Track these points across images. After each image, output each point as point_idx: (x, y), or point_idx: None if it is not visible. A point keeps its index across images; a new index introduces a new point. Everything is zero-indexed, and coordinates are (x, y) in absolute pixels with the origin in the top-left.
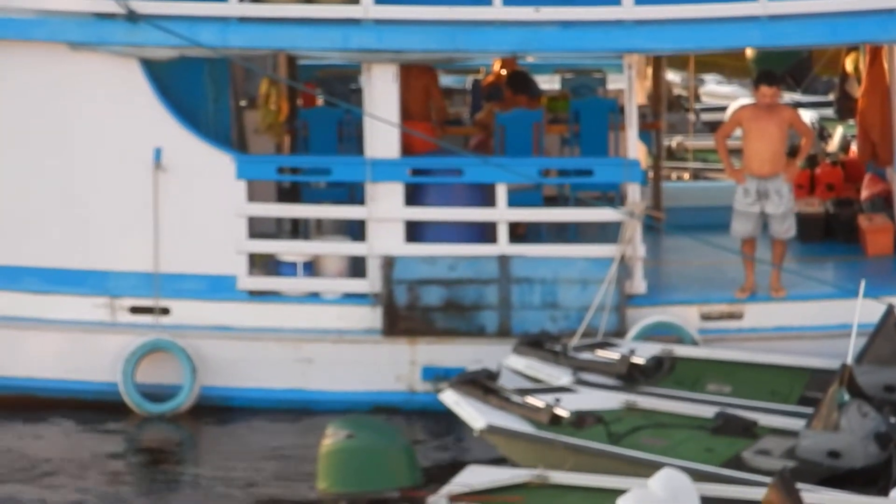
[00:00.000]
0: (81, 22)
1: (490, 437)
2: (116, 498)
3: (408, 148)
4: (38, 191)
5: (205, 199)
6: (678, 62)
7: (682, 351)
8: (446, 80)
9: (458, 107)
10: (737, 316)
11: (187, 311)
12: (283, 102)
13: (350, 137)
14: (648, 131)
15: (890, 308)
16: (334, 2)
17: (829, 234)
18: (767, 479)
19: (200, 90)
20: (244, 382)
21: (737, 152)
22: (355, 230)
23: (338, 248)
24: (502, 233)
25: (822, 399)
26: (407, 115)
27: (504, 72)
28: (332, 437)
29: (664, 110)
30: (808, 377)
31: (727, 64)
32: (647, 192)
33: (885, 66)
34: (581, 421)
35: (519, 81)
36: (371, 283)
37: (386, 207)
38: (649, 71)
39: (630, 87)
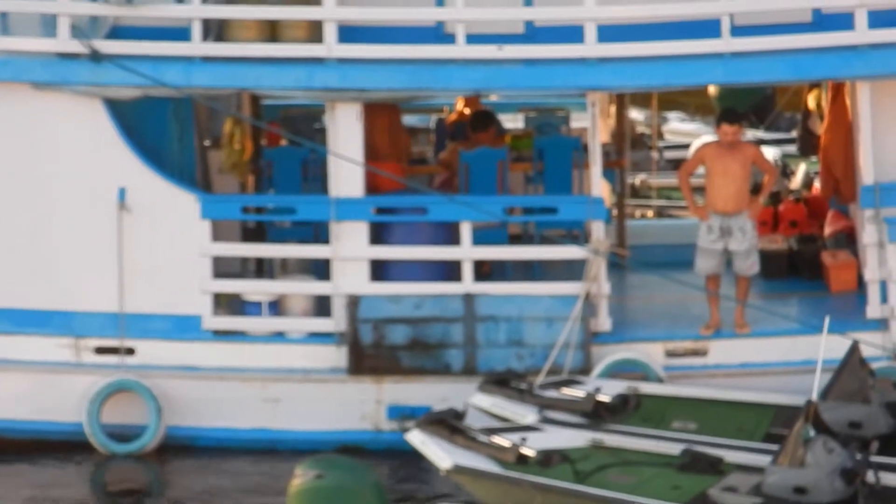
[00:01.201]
0: (45, 62)
1: (457, 476)
2: None
3: (373, 187)
4: (2, 231)
5: (169, 239)
6: (641, 100)
7: (647, 388)
8: (410, 120)
9: (422, 146)
10: (701, 353)
11: (152, 351)
12: (248, 142)
13: (314, 176)
14: (612, 169)
15: (855, 344)
16: (298, 40)
17: (793, 270)
18: None
19: (164, 130)
20: (210, 422)
21: (700, 190)
22: (320, 269)
23: (303, 288)
24: (467, 271)
25: (788, 435)
26: (373, 154)
27: (467, 111)
28: (301, 476)
29: (628, 148)
30: (773, 413)
31: (690, 101)
32: (612, 230)
33: (848, 102)
34: (547, 460)
35: (482, 120)
36: (336, 322)
37: (351, 246)
38: (613, 109)
39: (593, 125)
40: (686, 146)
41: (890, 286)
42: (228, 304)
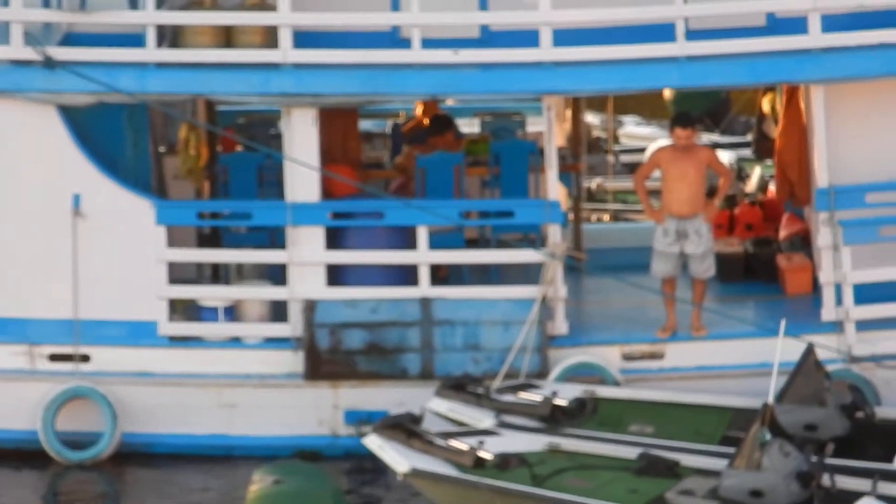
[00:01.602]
0: None
1: (414, 480)
2: None
3: (328, 192)
4: None
5: (124, 245)
6: (597, 104)
7: (604, 392)
8: (366, 125)
9: (378, 150)
10: (658, 356)
11: (107, 357)
12: (203, 148)
13: (270, 182)
14: (568, 173)
15: (810, 347)
16: (253, 46)
17: (749, 273)
18: None
19: (119, 136)
20: (166, 428)
21: (656, 193)
22: (276, 274)
23: (259, 293)
24: (424, 275)
25: (744, 438)
26: (327, 157)
27: (426, 120)
28: (259, 482)
29: (584, 152)
30: (729, 417)
31: (646, 105)
32: (568, 234)
33: (802, 105)
34: (505, 463)
35: (439, 124)
36: (293, 327)
37: (307, 251)
38: (568, 113)
39: (549, 128)
40: (642, 150)
41: (844, 289)
42: (184, 309)
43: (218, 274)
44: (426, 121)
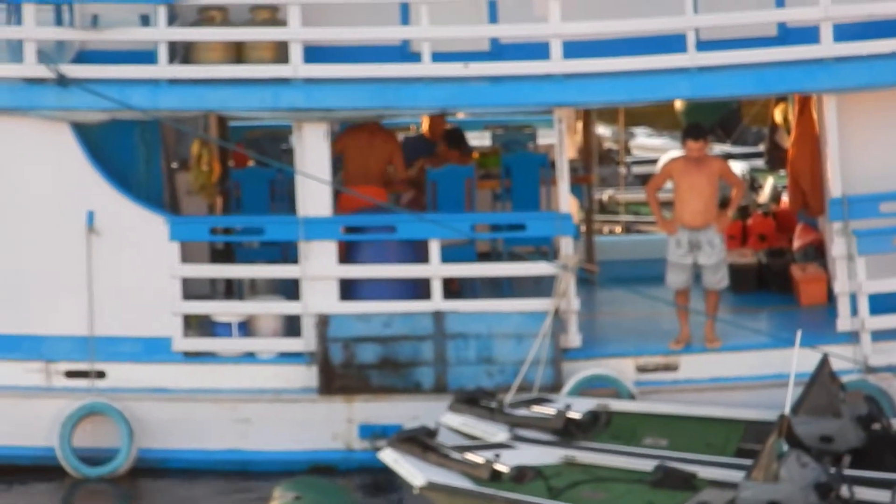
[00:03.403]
0: (11, 87)
1: (430, 493)
2: None
3: (339, 209)
4: None
5: (138, 262)
6: (608, 115)
7: (617, 405)
8: None
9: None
10: (672, 367)
11: (123, 373)
12: (215, 163)
13: (282, 196)
14: (580, 185)
15: (825, 357)
16: (264, 61)
17: (763, 284)
18: None
19: (132, 153)
20: (181, 444)
21: (668, 204)
22: (289, 289)
23: (272, 308)
24: (436, 289)
25: (761, 450)
26: (368, 177)
27: (430, 130)
28: (279, 498)
29: (595, 164)
30: (743, 429)
31: (657, 116)
32: (580, 246)
33: (814, 115)
34: (521, 476)
35: (453, 137)
36: (306, 341)
37: (319, 266)
38: (579, 125)
39: (560, 141)
40: (653, 161)
41: (859, 299)
42: (198, 325)
43: (231, 289)
44: (430, 133)
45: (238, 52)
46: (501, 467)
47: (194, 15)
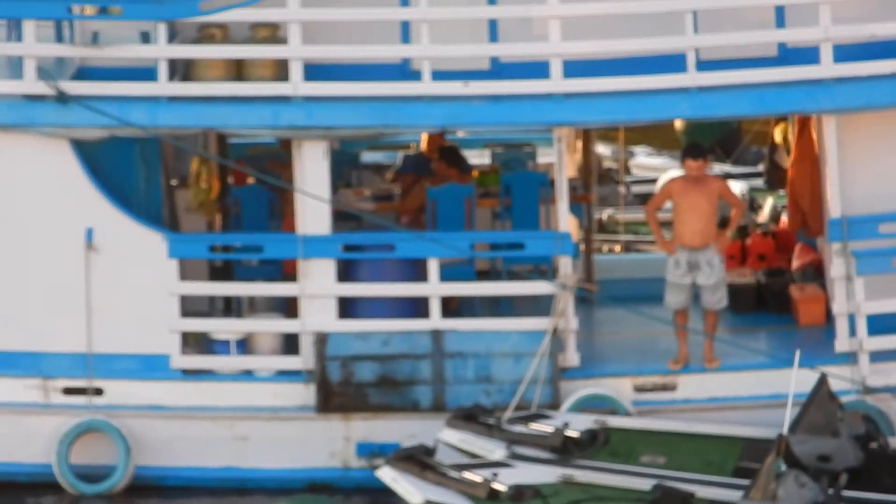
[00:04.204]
0: (11, 104)
1: None
2: None
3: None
4: None
5: (137, 279)
6: (608, 135)
7: (615, 423)
8: (376, 156)
9: (387, 183)
10: (670, 387)
11: (121, 390)
12: (214, 180)
13: (282, 214)
14: (579, 204)
15: (823, 377)
16: (264, 79)
17: (761, 304)
18: None
19: (131, 170)
20: (179, 461)
21: (667, 224)
22: (288, 307)
23: (270, 326)
24: (435, 307)
25: (759, 469)
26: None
27: (429, 148)
28: None
29: (594, 183)
30: (741, 448)
31: (657, 136)
32: (579, 265)
33: (814, 135)
34: (519, 495)
35: (451, 155)
36: (304, 359)
37: (318, 284)
38: (579, 144)
39: (560, 160)
40: (653, 181)
41: (858, 320)
42: (196, 342)
43: (230, 307)
44: (429, 152)
45: (238, 70)
46: (499, 486)
47: (194, 32)
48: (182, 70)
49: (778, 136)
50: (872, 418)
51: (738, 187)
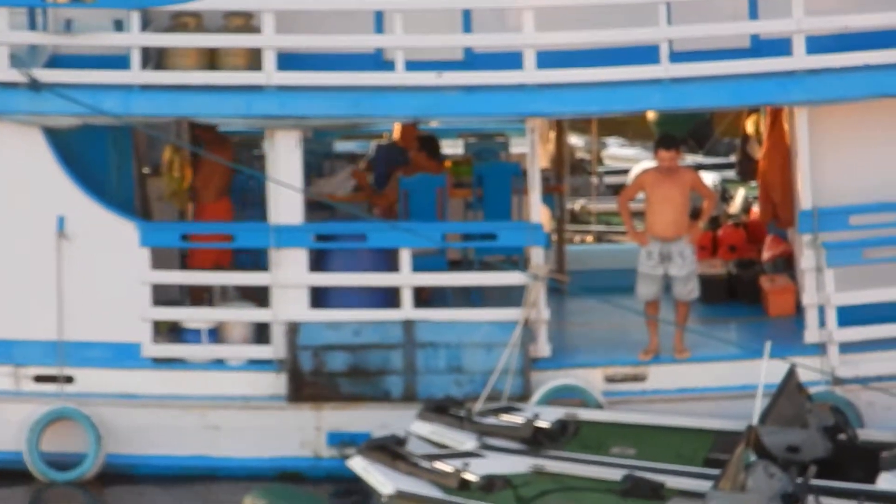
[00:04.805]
0: None
1: (399, 502)
2: None
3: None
4: None
5: (109, 267)
6: (581, 126)
7: (586, 414)
8: (349, 146)
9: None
10: (641, 378)
11: (92, 379)
12: (187, 170)
13: (254, 203)
14: (551, 195)
15: (792, 368)
16: (237, 68)
17: (732, 295)
18: None
19: (104, 158)
20: (149, 450)
21: (640, 215)
22: (259, 296)
23: (242, 315)
24: (407, 297)
25: (729, 460)
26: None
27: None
28: None
29: (567, 174)
30: (712, 439)
31: (630, 127)
32: (551, 256)
33: (786, 127)
34: (490, 485)
35: (432, 146)
36: (276, 349)
37: (290, 273)
38: (552, 134)
39: (533, 150)
40: (625, 171)
41: (828, 311)
42: (168, 331)
43: (202, 296)
44: (403, 141)
45: (211, 59)
46: (470, 476)
47: (168, 21)
48: (155, 58)
49: (750, 127)
50: (841, 409)
51: (710, 178)
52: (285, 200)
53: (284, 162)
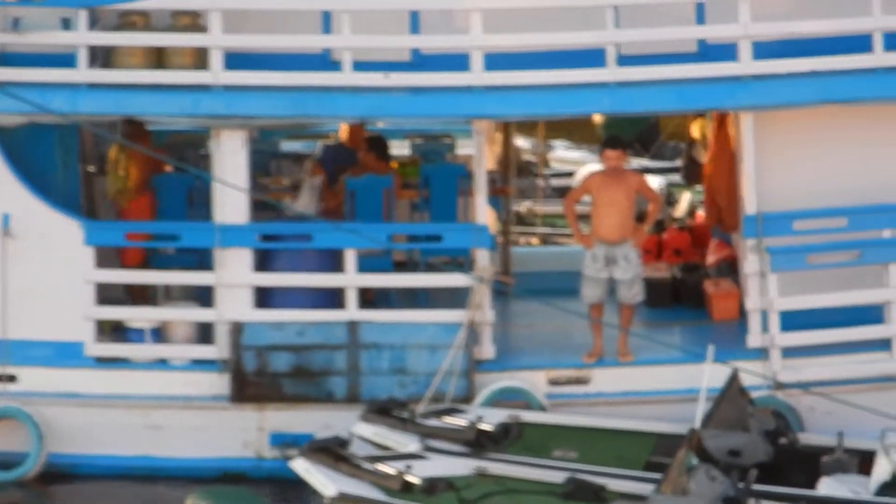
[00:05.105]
0: None
1: None
2: None
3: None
4: None
5: (53, 266)
6: (527, 128)
7: (529, 417)
8: (295, 146)
9: (298, 174)
10: (584, 381)
11: (34, 378)
12: (132, 168)
13: (200, 203)
14: (497, 196)
15: (735, 372)
16: (184, 67)
17: (676, 298)
18: None
19: (49, 156)
20: (92, 449)
21: (585, 217)
22: (204, 296)
23: (186, 315)
24: (351, 298)
25: (671, 463)
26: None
27: (349, 139)
28: None
29: (513, 176)
30: (653, 442)
31: (576, 130)
32: (496, 257)
33: (731, 132)
34: (432, 488)
35: (381, 147)
36: (219, 349)
37: (234, 273)
38: (499, 136)
39: (479, 152)
40: (571, 174)
41: (770, 316)
42: (111, 330)
43: (146, 295)
44: (350, 142)
45: (159, 58)
46: (413, 478)
47: (115, 19)
48: (102, 57)
49: (696, 131)
50: (782, 414)
51: (655, 182)
52: (231, 200)
53: (230, 162)
